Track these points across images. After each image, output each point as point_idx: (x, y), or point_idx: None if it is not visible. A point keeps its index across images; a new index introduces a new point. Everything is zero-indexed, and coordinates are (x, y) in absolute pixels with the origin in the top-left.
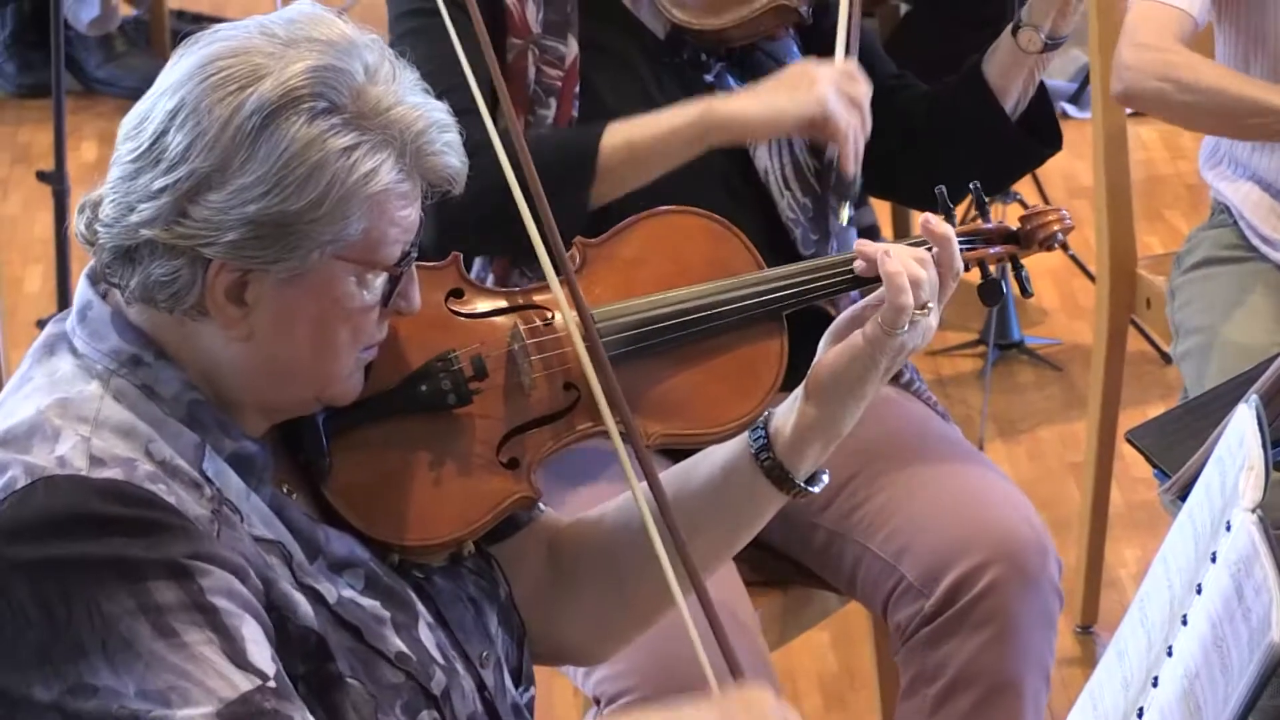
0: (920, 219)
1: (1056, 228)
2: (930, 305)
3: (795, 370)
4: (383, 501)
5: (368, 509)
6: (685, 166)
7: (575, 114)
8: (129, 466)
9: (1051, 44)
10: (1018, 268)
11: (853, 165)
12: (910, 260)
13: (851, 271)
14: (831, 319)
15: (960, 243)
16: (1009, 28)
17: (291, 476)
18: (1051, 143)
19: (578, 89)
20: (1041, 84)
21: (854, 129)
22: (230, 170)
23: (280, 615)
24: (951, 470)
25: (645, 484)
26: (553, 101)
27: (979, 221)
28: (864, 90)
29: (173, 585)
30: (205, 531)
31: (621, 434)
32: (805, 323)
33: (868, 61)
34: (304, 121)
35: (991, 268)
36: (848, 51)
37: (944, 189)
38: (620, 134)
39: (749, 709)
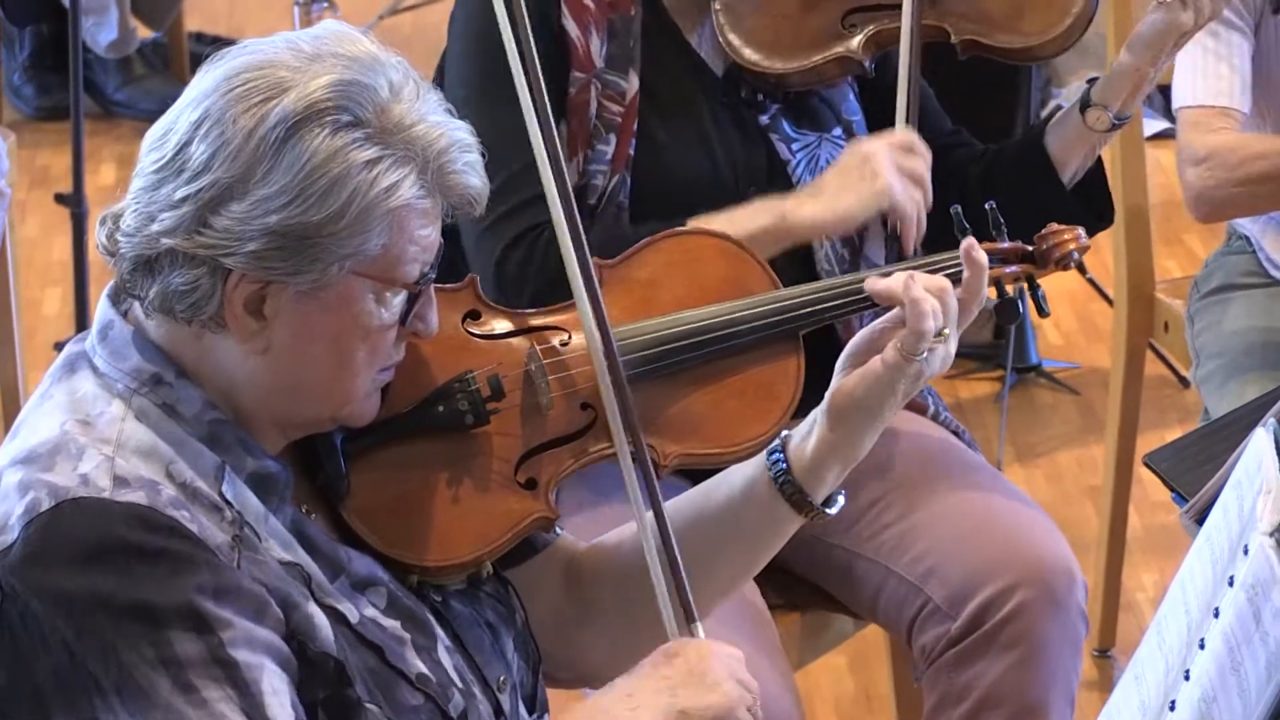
0: (963, 244)
1: (1072, 247)
2: (948, 331)
3: (811, 389)
4: (402, 522)
5: (387, 529)
6: (725, 206)
7: (633, 152)
8: (152, 490)
9: (1119, 123)
10: (1034, 287)
11: (913, 242)
12: (933, 287)
13: (863, 291)
14: (845, 338)
15: None
16: (1076, 103)
17: (311, 498)
18: (1104, 215)
19: (635, 125)
20: (1099, 161)
21: (917, 206)
22: (253, 180)
23: (300, 642)
24: (976, 494)
25: (651, 512)
26: (612, 137)
27: (996, 241)
28: (924, 164)
29: (193, 637)
30: (226, 561)
31: (633, 455)
32: (821, 342)
33: (924, 118)
34: (327, 134)
35: (1008, 287)
36: (908, 119)
37: (959, 209)
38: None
39: (693, 671)
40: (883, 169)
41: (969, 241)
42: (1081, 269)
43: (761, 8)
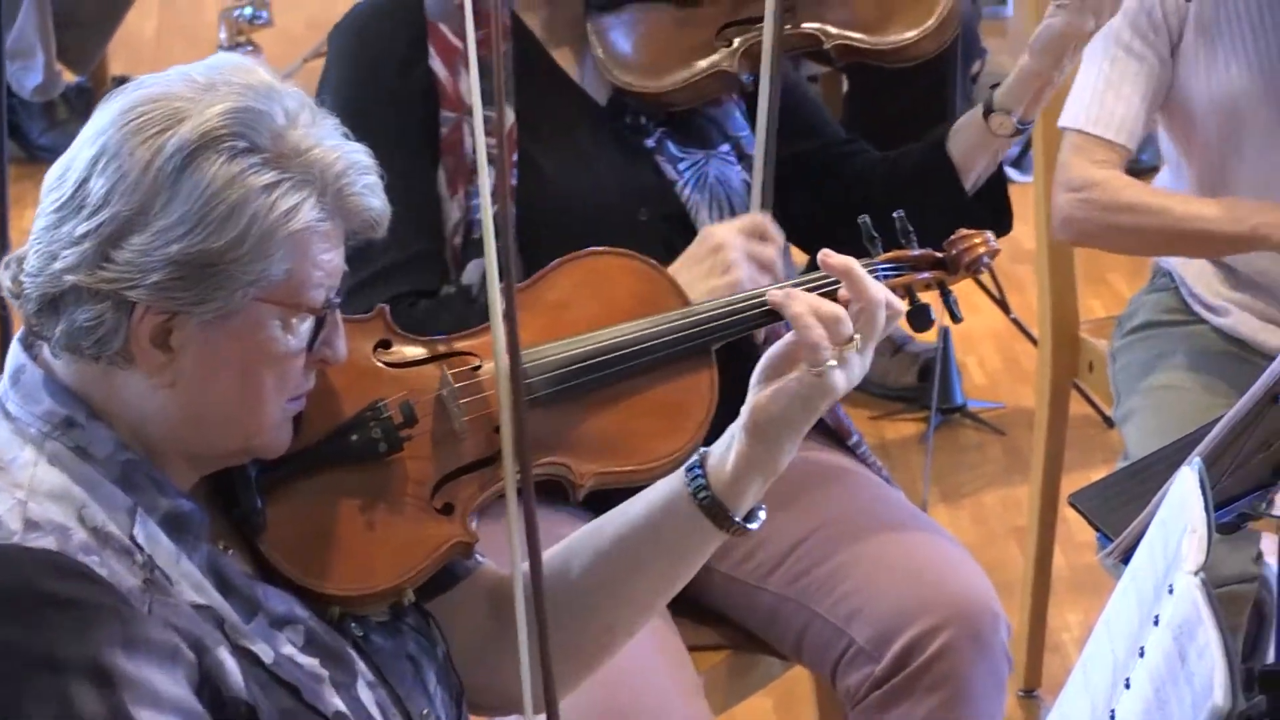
0: (820, 255)
1: (982, 251)
2: (857, 339)
3: (727, 403)
4: (320, 553)
5: (305, 561)
6: (626, 231)
7: (514, 182)
8: (63, 535)
9: (1022, 128)
10: (946, 293)
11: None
12: (816, 299)
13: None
14: (761, 350)
15: (887, 270)
16: (979, 108)
17: (227, 534)
18: (1004, 224)
19: (516, 157)
20: (1000, 167)
21: None
22: (152, 212)
23: (213, 686)
24: (900, 535)
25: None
26: (490, 170)
27: (906, 249)
28: (776, 250)
29: (96, 695)
30: (137, 609)
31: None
32: (736, 355)
33: (814, 126)
34: (224, 160)
35: (920, 295)
36: (763, 205)
37: (868, 219)
38: None
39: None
40: (735, 262)
41: (823, 251)
42: (1006, 309)
43: (636, 29)
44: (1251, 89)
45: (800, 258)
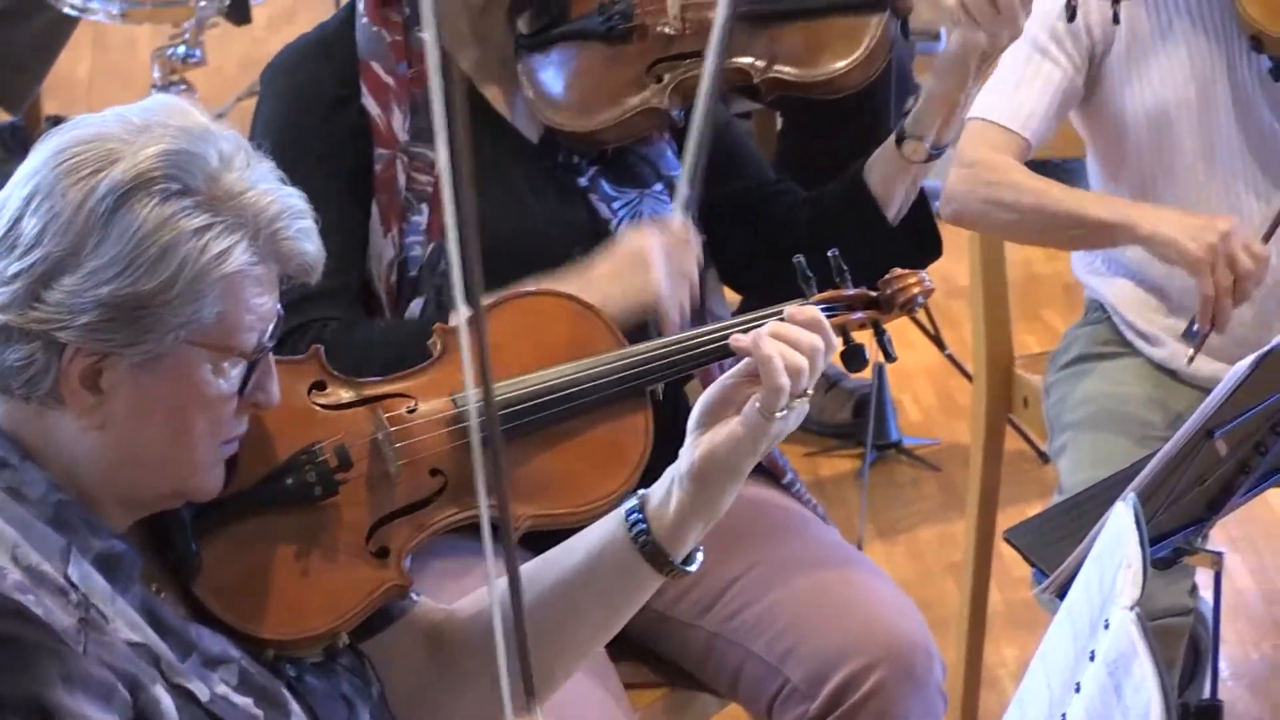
0: (787, 311)
1: (916, 291)
2: (809, 390)
3: (662, 444)
4: (254, 597)
5: (239, 605)
6: (561, 270)
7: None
8: None
9: (935, 153)
10: (880, 333)
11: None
12: (785, 346)
13: (713, 344)
14: (703, 387)
15: (822, 310)
16: (892, 138)
17: (161, 576)
18: (931, 250)
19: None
20: (922, 191)
21: (681, 306)
22: (84, 253)
23: None
24: (834, 573)
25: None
26: (424, 207)
27: (840, 288)
28: (695, 261)
29: None
30: (73, 648)
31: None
32: (670, 396)
33: (744, 167)
34: (156, 203)
35: (854, 335)
36: (685, 209)
37: (803, 259)
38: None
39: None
40: (655, 268)
41: (790, 307)
42: (941, 345)
43: (567, 72)
44: (1185, 102)
45: (733, 297)
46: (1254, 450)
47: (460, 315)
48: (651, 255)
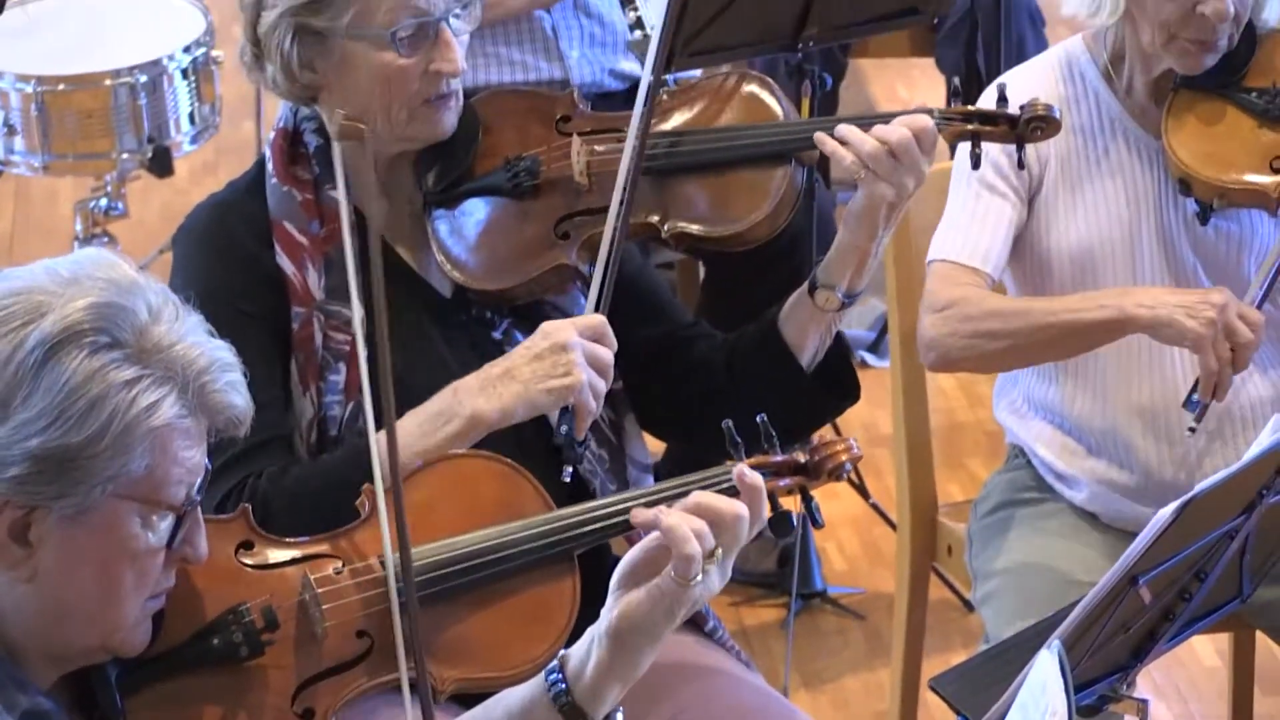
0: (735, 471)
1: (845, 458)
2: (718, 552)
3: (585, 603)
4: None
5: None
6: None
7: (365, 377)
8: None
9: (848, 301)
10: (807, 499)
11: (584, 431)
12: (685, 514)
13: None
14: (623, 550)
15: None
16: (805, 286)
17: None
18: (849, 394)
19: (365, 354)
20: (839, 334)
21: (600, 397)
22: (12, 406)
23: None
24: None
25: None
26: (341, 366)
27: (768, 454)
28: (609, 352)
29: None
30: None
31: (412, 683)
32: (594, 556)
33: (659, 311)
34: (85, 355)
35: (781, 501)
36: (599, 305)
37: (731, 423)
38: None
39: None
40: (576, 363)
41: (740, 468)
42: (864, 493)
43: (475, 229)
44: (1109, 240)
45: (655, 445)
46: (1178, 597)
47: (377, 482)
48: (574, 355)
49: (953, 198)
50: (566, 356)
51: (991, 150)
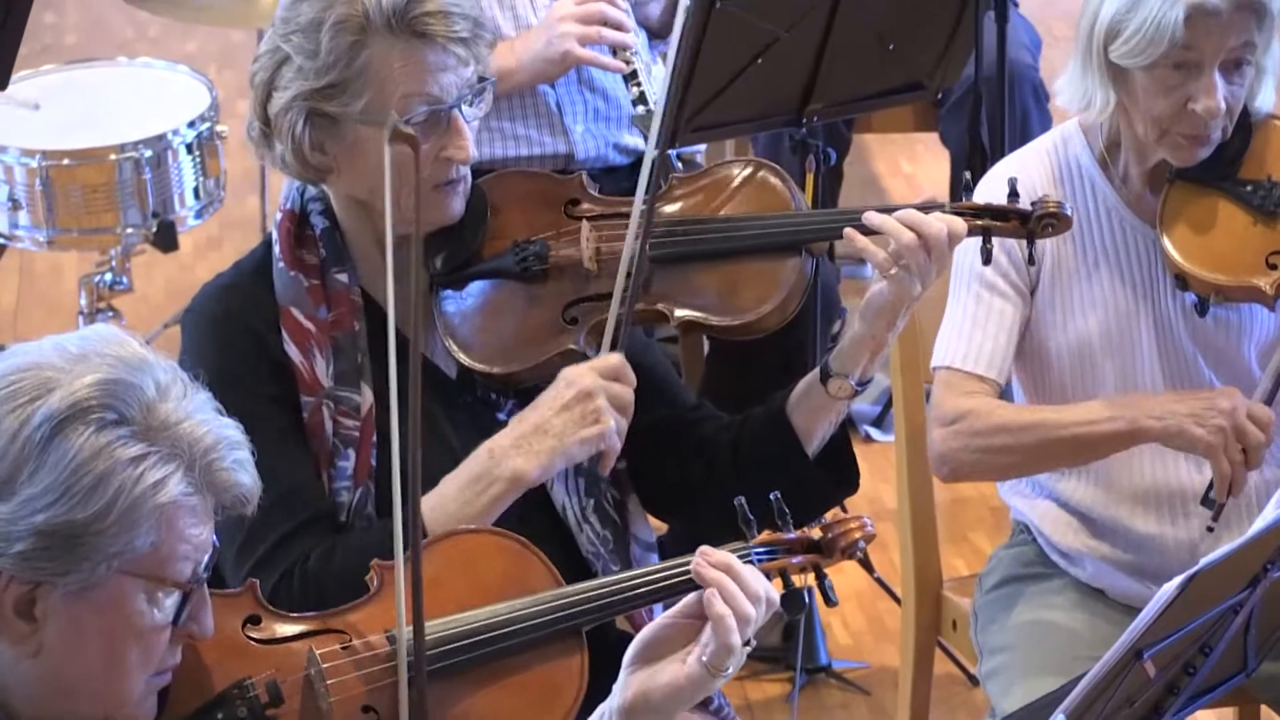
0: (694, 564)
1: (858, 535)
2: (752, 642)
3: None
4: None
5: None
6: None
7: (374, 462)
8: None
9: (861, 388)
10: (821, 578)
11: (609, 468)
12: (740, 602)
13: (650, 588)
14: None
15: (761, 554)
16: (816, 373)
17: None
18: (849, 483)
19: (374, 438)
20: (843, 426)
21: (623, 436)
22: (19, 481)
23: None
24: None
25: None
26: (351, 452)
27: (781, 532)
28: (630, 392)
29: None
30: None
31: None
32: (601, 631)
33: (664, 393)
34: (92, 431)
35: (794, 579)
36: (614, 345)
37: (744, 501)
38: (437, 518)
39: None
40: (603, 409)
41: (696, 561)
42: (869, 568)
43: (482, 312)
44: (1107, 333)
45: (658, 525)
46: (1183, 671)
47: (397, 556)
48: (600, 402)
49: (954, 300)
50: (594, 404)
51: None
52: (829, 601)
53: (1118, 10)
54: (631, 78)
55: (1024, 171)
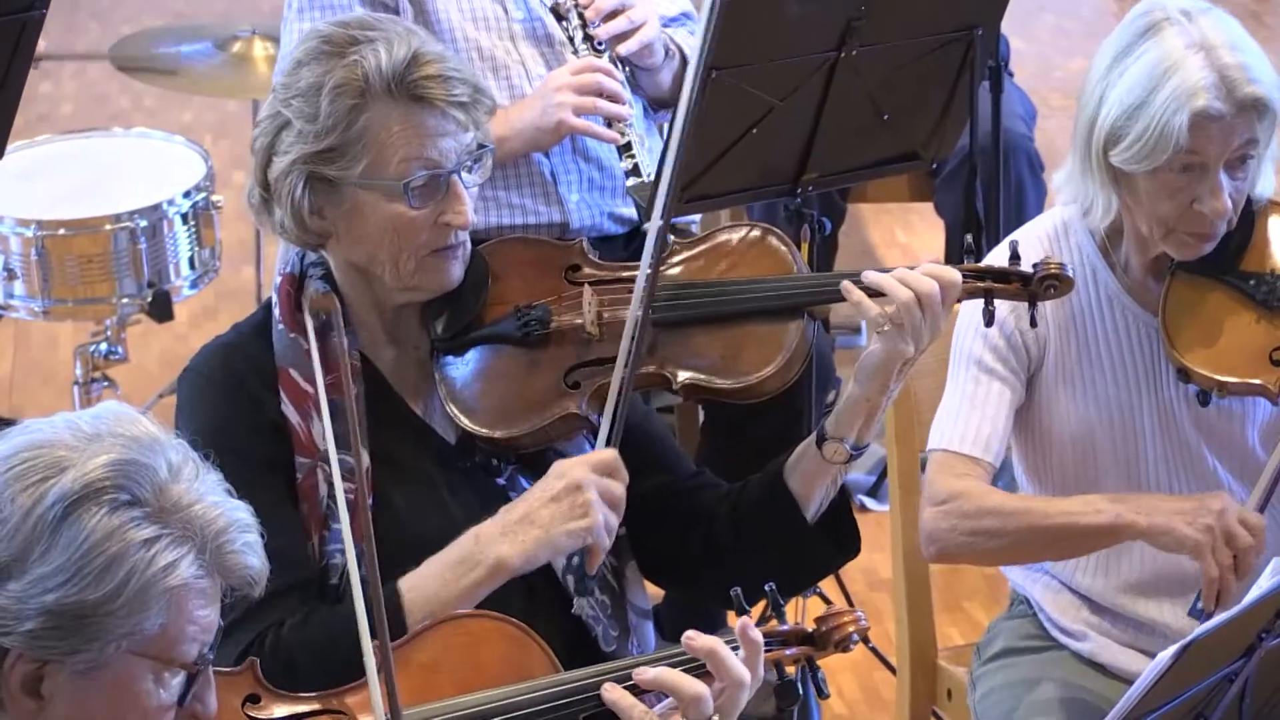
0: (739, 625)
1: (852, 629)
2: (716, 718)
3: None
4: None
5: None
6: None
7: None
8: None
9: (856, 453)
10: (814, 669)
11: (598, 565)
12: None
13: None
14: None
15: None
16: (813, 438)
17: None
18: (850, 549)
19: (371, 501)
20: (843, 488)
21: (612, 533)
22: (30, 559)
23: None
24: None
25: None
26: (345, 515)
27: (775, 623)
28: (622, 487)
29: None
30: None
31: None
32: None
33: (662, 461)
34: (105, 513)
35: (788, 669)
36: (609, 441)
37: (740, 590)
38: (415, 598)
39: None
40: (592, 503)
41: (744, 621)
42: (864, 638)
43: (484, 377)
44: (1108, 421)
45: (654, 591)
46: None
47: (365, 645)
48: (590, 495)
49: (952, 382)
50: (582, 497)
51: (990, 334)
52: (822, 694)
53: (1119, 116)
54: (626, 149)
55: (1026, 249)
